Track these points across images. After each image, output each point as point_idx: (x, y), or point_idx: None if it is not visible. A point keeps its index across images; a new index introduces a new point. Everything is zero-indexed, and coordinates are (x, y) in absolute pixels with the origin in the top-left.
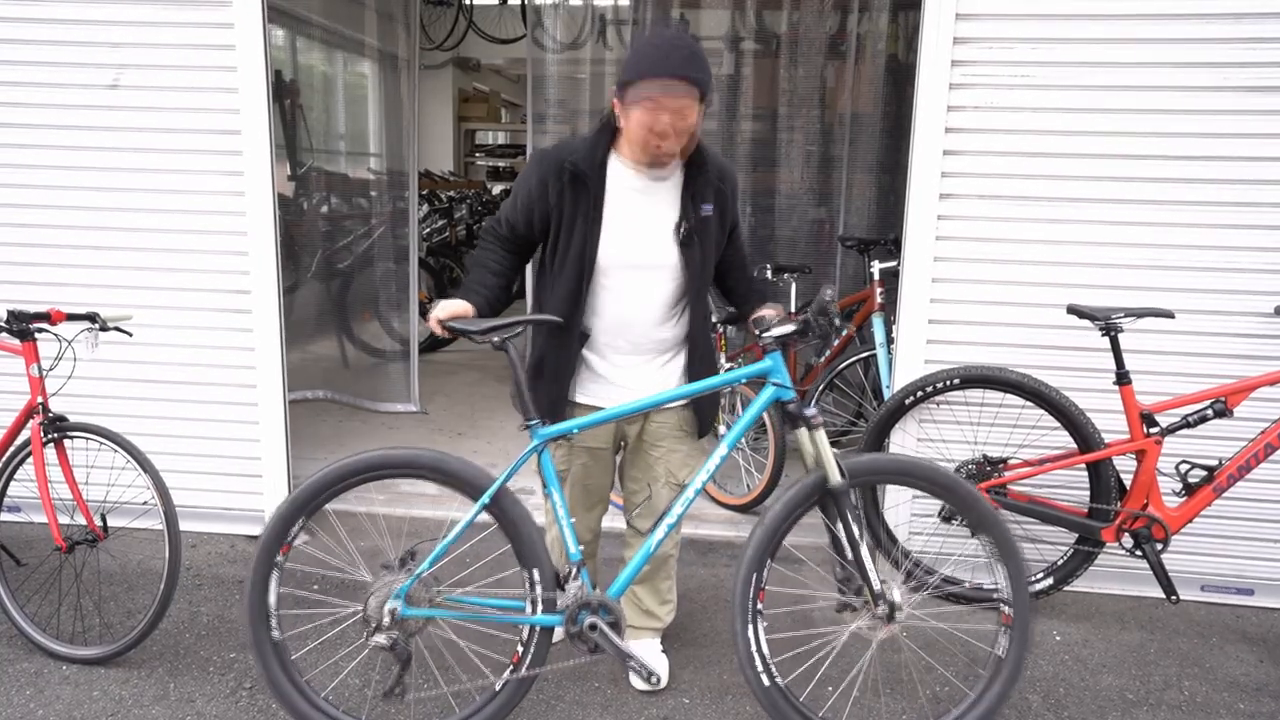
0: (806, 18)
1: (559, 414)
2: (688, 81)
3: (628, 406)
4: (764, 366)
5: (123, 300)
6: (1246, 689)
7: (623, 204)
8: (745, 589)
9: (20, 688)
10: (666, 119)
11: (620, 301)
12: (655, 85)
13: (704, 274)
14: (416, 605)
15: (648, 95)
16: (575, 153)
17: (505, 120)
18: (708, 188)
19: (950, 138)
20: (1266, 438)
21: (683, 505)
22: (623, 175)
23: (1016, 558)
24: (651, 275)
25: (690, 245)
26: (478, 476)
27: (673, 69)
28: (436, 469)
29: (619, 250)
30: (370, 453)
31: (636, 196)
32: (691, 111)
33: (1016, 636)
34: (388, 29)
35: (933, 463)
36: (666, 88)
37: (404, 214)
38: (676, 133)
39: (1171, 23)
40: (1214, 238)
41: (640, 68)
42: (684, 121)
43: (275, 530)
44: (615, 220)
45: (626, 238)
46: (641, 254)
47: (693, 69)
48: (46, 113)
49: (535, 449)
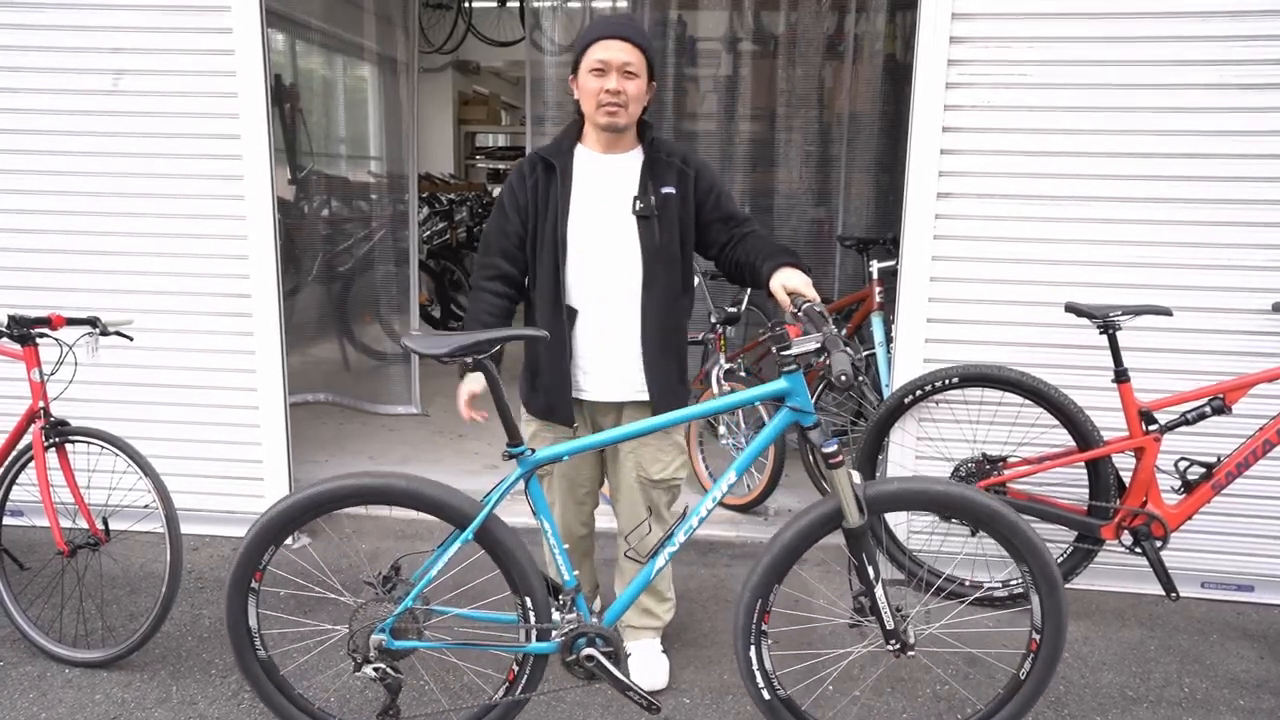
0: (804, 18)
1: (557, 408)
2: (629, 41)
3: (620, 433)
4: (781, 388)
5: (123, 304)
6: (1247, 685)
7: (587, 184)
8: (749, 614)
9: (23, 691)
10: (614, 77)
11: (593, 276)
12: (598, 48)
13: (666, 251)
14: (404, 637)
15: (595, 59)
16: (546, 148)
17: (505, 123)
18: (668, 171)
19: (948, 137)
20: (1265, 434)
21: (685, 533)
22: (588, 160)
23: (1057, 593)
24: (615, 250)
25: (648, 219)
26: (461, 504)
27: (613, 31)
28: (414, 497)
29: (585, 225)
30: (342, 480)
31: (599, 176)
32: (638, 69)
33: (1041, 665)
34: (387, 32)
35: (967, 488)
36: (608, 48)
37: (404, 217)
38: (628, 94)
39: (1169, 21)
40: (1212, 235)
41: (585, 39)
42: (631, 80)
43: (246, 560)
44: (581, 199)
45: (591, 214)
46: (604, 228)
47: (632, 31)
48: (47, 118)
49: (522, 476)
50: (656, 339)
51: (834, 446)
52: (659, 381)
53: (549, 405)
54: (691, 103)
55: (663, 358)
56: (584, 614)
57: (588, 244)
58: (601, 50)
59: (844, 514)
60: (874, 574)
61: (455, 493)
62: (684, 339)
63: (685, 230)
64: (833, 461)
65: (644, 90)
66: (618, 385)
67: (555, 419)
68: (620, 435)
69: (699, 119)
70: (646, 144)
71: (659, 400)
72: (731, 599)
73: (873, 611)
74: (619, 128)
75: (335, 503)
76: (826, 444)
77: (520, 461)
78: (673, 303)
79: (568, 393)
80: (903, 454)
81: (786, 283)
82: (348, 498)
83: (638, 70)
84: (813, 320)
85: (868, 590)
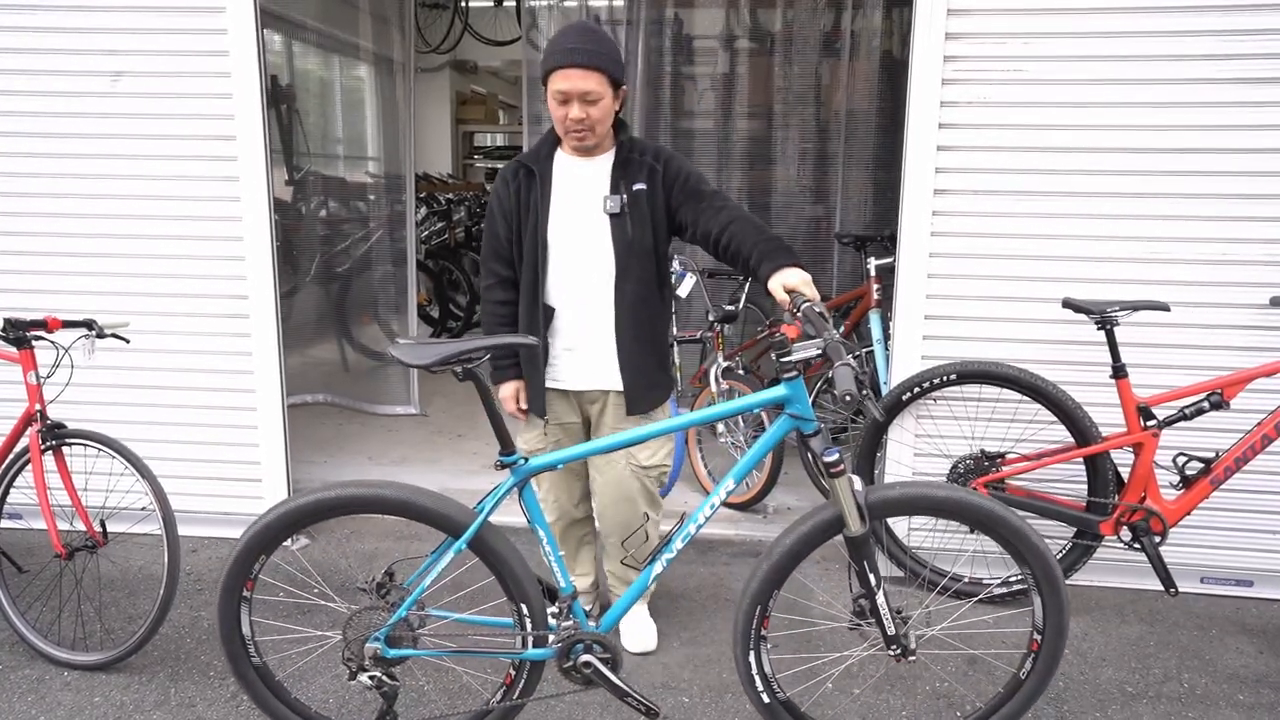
0: (800, 15)
1: (533, 399)
2: (585, 68)
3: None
4: (781, 394)
5: (120, 307)
6: (1246, 680)
7: (565, 187)
8: (748, 620)
9: (22, 694)
10: (576, 106)
11: (570, 274)
12: (559, 78)
13: (639, 245)
14: (399, 645)
15: (556, 89)
16: (527, 154)
17: (503, 122)
18: (640, 170)
19: (944, 133)
20: (1263, 429)
21: (683, 540)
22: (565, 164)
23: (1059, 594)
24: (589, 248)
25: (619, 216)
26: (454, 513)
27: (569, 60)
28: (405, 507)
29: (561, 225)
30: (331, 490)
31: (575, 180)
32: (600, 93)
33: (1041, 666)
34: (383, 32)
35: (968, 492)
36: (568, 77)
37: (402, 217)
38: (592, 118)
39: (1164, 15)
40: (1209, 230)
41: (545, 67)
42: (594, 105)
43: (236, 569)
44: (559, 201)
45: (567, 214)
46: (579, 227)
47: (587, 56)
48: (42, 121)
49: (515, 484)
50: (630, 330)
51: (835, 455)
52: (632, 371)
53: (529, 395)
54: (689, 101)
55: (638, 347)
56: (581, 620)
57: (565, 244)
58: (562, 80)
59: (845, 521)
60: (875, 581)
61: (448, 501)
62: (663, 329)
63: (658, 223)
64: (834, 471)
65: (610, 107)
66: (594, 375)
67: (533, 409)
68: (614, 444)
69: (696, 117)
70: (621, 144)
71: (632, 390)
72: (730, 597)
73: (873, 614)
74: (590, 148)
75: (324, 513)
76: (828, 452)
77: (513, 470)
78: (647, 294)
79: (541, 386)
80: (901, 451)
81: (786, 281)
82: (337, 508)
83: (600, 93)
84: (813, 322)
85: (869, 596)
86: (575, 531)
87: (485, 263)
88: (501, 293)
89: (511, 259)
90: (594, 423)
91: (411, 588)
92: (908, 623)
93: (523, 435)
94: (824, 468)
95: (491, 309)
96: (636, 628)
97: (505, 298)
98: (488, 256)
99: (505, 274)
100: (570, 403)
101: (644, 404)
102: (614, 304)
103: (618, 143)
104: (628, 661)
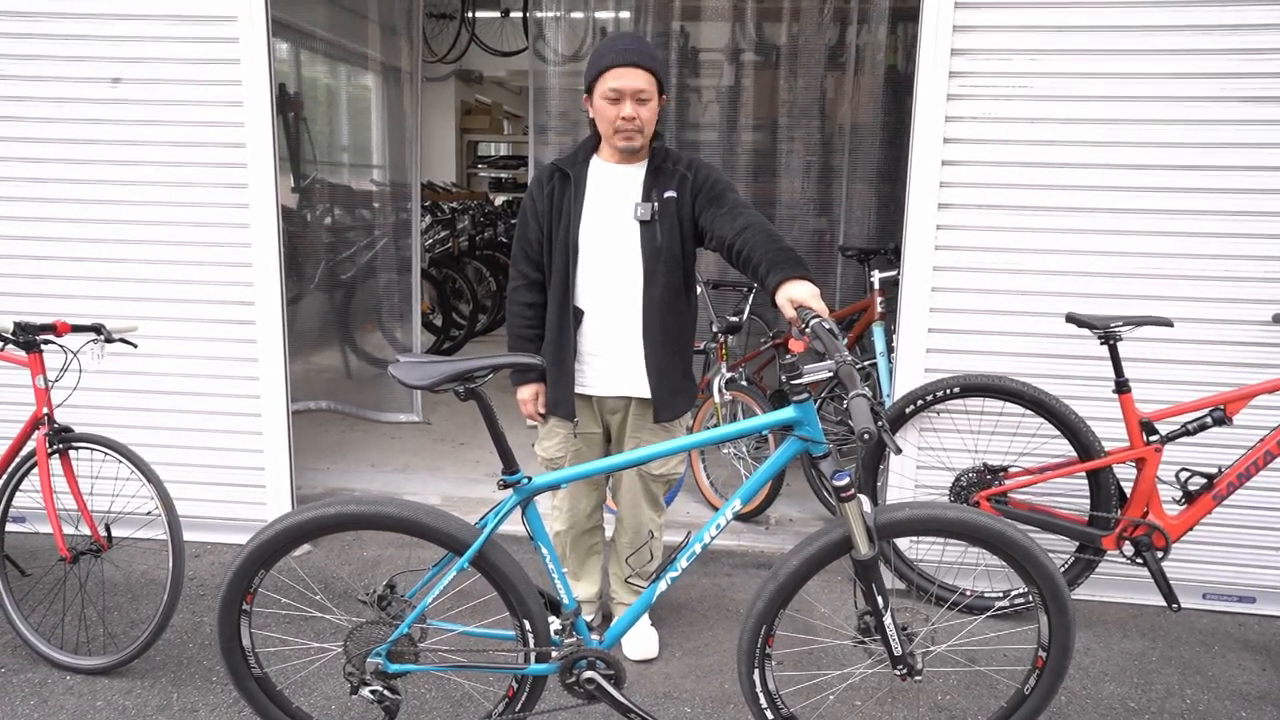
0: (806, 30)
1: (560, 402)
2: (639, 67)
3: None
4: (790, 416)
5: (128, 312)
6: (1249, 697)
7: (599, 192)
8: (753, 639)
9: (24, 698)
10: (629, 104)
11: (599, 278)
12: (612, 76)
13: (667, 252)
14: (401, 660)
15: (609, 87)
16: (563, 159)
17: (508, 132)
18: (671, 178)
19: (949, 148)
20: (1266, 445)
21: (688, 559)
22: (601, 170)
23: (1066, 614)
24: (619, 253)
25: (649, 223)
26: (457, 531)
27: (626, 59)
28: (409, 525)
29: (593, 230)
30: (332, 507)
31: (610, 185)
32: (650, 93)
33: (1046, 683)
34: (391, 42)
35: (977, 513)
36: (621, 76)
37: (406, 225)
38: (642, 118)
39: (1169, 34)
40: (1212, 247)
41: (599, 66)
42: (645, 105)
43: (236, 585)
44: (592, 205)
45: (599, 219)
46: (610, 233)
47: (642, 56)
48: (53, 127)
49: (518, 502)
50: (658, 336)
51: (846, 479)
52: (659, 376)
53: (554, 399)
54: (694, 113)
55: (665, 353)
56: (584, 636)
57: (596, 248)
58: (615, 79)
59: (854, 544)
60: (883, 601)
61: (451, 519)
62: (689, 336)
63: (685, 231)
64: (845, 495)
65: (656, 110)
66: (620, 381)
67: (559, 413)
68: (625, 462)
69: (701, 129)
70: (655, 153)
71: (660, 395)
72: (733, 608)
73: (879, 633)
74: (636, 149)
75: (325, 530)
76: (838, 476)
77: (516, 490)
78: (675, 301)
79: (570, 389)
80: (904, 463)
81: (793, 295)
82: (338, 525)
83: (650, 94)
84: (823, 340)
85: (876, 618)
86: (585, 541)
87: (515, 264)
88: (528, 294)
89: (541, 261)
90: (615, 433)
91: (413, 601)
92: (913, 640)
93: (542, 443)
94: (834, 491)
95: (518, 310)
96: (638, 635)
97: (532, 300)
98: (517, 258)
99: (534, 276)
100: (593, 410)
101: (669, 411)
102: (642, 310)
103: (652, 150)
104: (629, 669)
